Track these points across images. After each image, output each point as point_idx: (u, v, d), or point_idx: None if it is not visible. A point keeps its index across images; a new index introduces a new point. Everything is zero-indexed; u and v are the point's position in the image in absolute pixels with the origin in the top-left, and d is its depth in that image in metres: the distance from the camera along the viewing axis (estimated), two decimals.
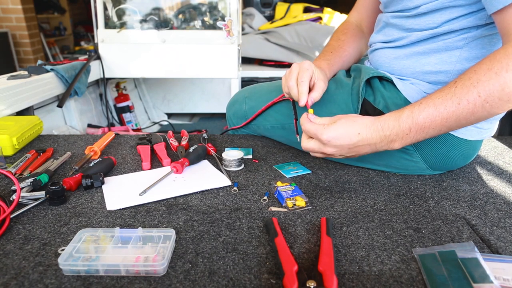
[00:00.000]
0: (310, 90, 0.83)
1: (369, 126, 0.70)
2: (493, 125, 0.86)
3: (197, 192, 0.80)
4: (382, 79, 0.89)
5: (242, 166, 0.93)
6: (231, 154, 0.92)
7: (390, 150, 0.72)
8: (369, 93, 0.88)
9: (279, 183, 0.80)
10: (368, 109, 0.87)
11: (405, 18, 0.83)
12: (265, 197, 0.77)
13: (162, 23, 1.98)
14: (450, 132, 0.81)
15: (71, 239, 0.60)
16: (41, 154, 0.98)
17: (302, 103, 0.80)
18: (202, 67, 1.93)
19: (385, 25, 0.90)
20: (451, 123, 0.67)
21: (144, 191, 0.79)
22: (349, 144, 0.70)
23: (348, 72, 1.01)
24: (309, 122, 0.73)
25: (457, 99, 0.65)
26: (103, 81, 2.00)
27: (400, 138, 0.69)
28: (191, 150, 0.94)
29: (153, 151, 1.01)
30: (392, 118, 0.69)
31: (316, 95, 0.82)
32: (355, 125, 0.70)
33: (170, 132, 1.13)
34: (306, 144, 0.74)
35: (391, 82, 0.86)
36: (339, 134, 0.70)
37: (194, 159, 0.92)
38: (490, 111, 0.65)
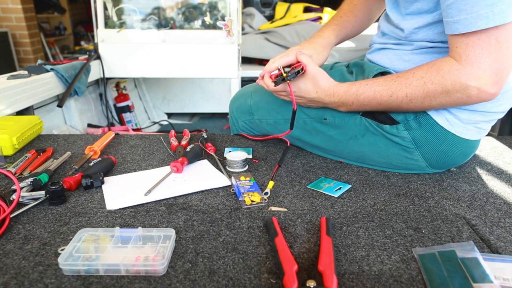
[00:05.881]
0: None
1: (325, 90, 0.85)
2: (492, 124, 0.87)
3: (197, 192, 0.80)
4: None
5: (247, 167, 0.92)
6: (235, 155, 0.91)
7: (338, 110, 0.89)
8: None
9: (242, 178, 0.83)
10: None
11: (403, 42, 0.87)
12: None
13: (162, 23, 1.98)
14: (450, 131, 0.82)
15: (71, 239, 0.60)
16: (41, 153, 0.98)
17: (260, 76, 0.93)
18: (202, 67, 1.93)
19: (383, 35, 0.92)
20: (384, 108, 0.82)
21: (149, 191, 0.79)
22: (308, 97, 0.88)
23: (345, 68, 1.01)
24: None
25: (391, 92, 0.77)
26: (103, 81, 2.00)
27: (345, 106, 0.85)
28: (188, 149, 0.95)
29: None
30: (343, 89, 0.83)
31: (287, 59, 0.90)
32: (317, 85, 0.86)
33: (172, 132, 1.13)
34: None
35: None
36: (302, 88, 0.87)
37: (192, 158, 0.93)
38: (414, 108, 0.79)
